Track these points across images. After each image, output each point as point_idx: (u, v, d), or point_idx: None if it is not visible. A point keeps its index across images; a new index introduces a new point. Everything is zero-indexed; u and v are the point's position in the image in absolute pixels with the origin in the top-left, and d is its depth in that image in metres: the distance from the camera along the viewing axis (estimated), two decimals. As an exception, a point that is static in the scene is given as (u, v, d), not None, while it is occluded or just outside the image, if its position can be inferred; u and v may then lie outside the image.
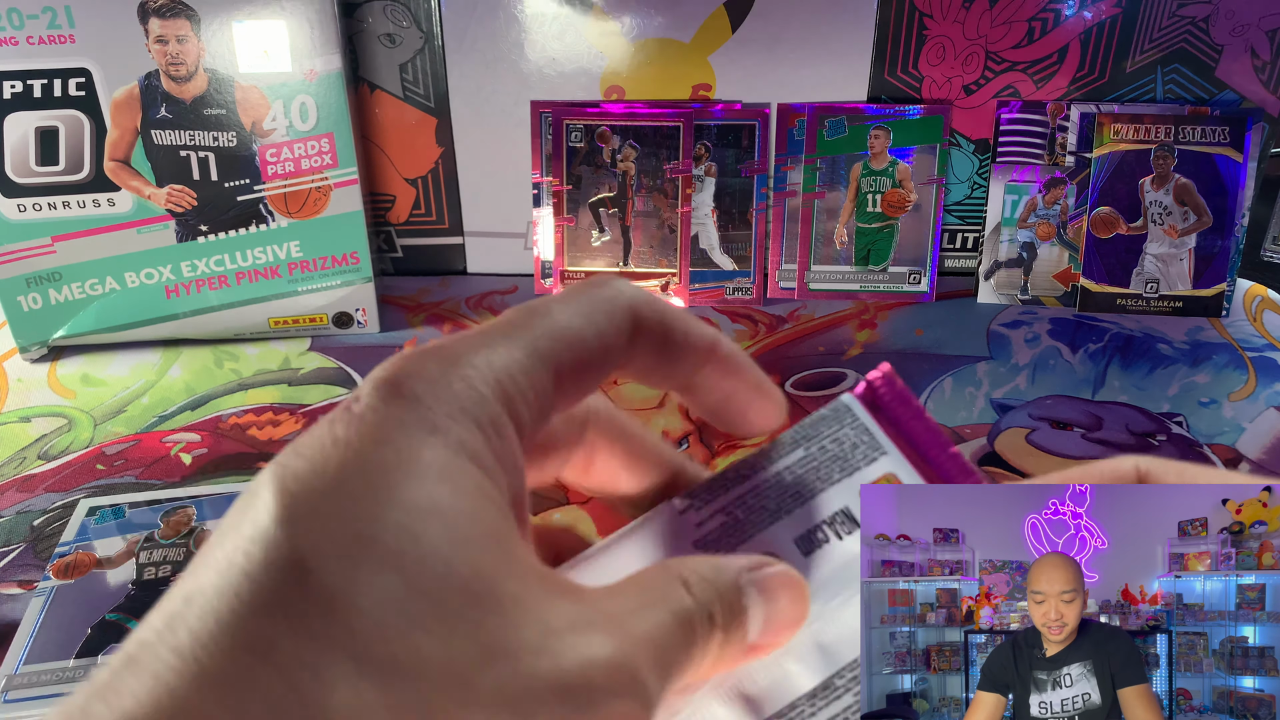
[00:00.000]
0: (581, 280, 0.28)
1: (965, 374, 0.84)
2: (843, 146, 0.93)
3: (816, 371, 0.84)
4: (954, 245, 0.98)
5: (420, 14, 0.89)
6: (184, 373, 0.86)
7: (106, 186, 0.83)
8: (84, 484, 0.73)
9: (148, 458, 0.75)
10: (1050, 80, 0.92)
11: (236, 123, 0.83)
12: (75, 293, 0.85)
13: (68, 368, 0.87)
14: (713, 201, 0.94)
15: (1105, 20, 0.89)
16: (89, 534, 0.66)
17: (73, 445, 0.77)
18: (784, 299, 0.96)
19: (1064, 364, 0.85)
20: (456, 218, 0.98)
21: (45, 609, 0.60)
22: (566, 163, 0.93)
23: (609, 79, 0.92)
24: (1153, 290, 0.93)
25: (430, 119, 0.94)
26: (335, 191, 0.86)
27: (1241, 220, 0.91)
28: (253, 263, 0.87)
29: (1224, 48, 0.90)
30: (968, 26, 0.90)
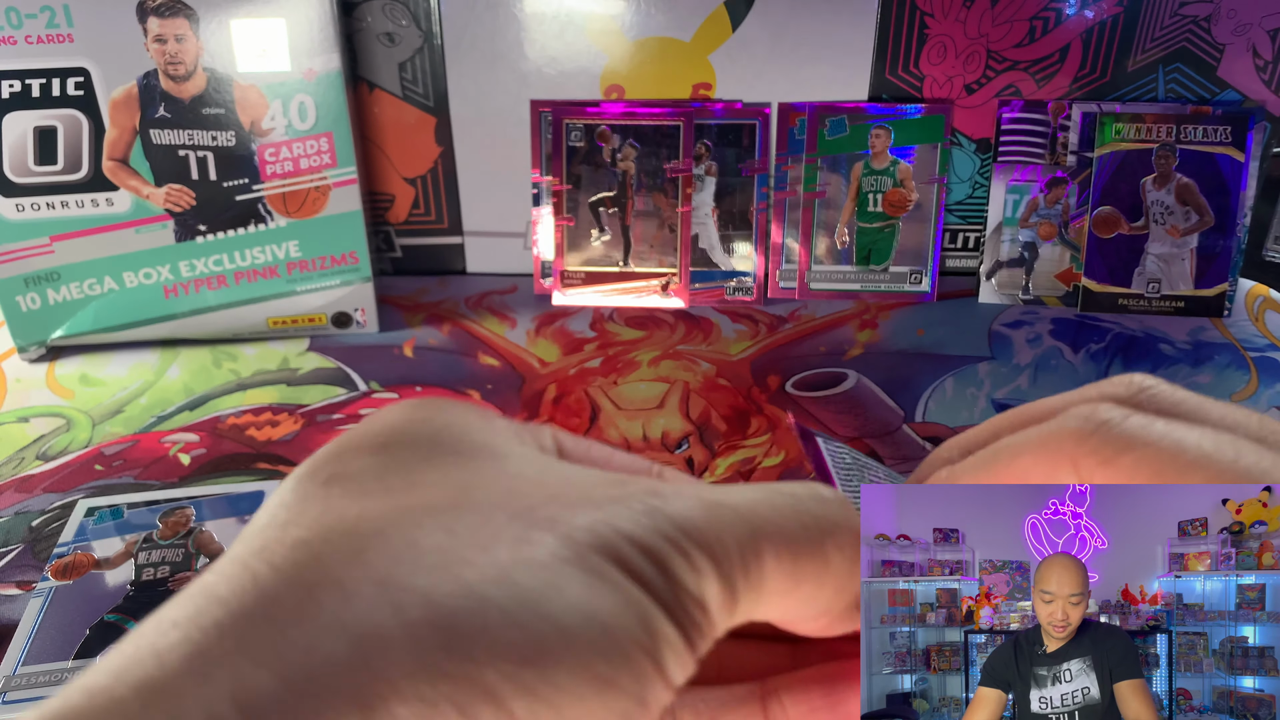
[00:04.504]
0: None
1: (967, 374, 0.84)
2: (844, 146, 0.93)
3: (817, 371, 0.84)
4: (955, 245, 0.98)
5: (419, 13, 0.89)
6: (182, 373, 0.86)
7: (105, 186, 0.83)
8: (82, 484, 0.72)
9: (146, 458, 0.75)
10: (1052, 79, 0.92)
11: (235, 122, 0.83)
12: (74, 293, 0.85)
13: (66, 368, 0.86)
14: (713, 201, 0.94)
15: (1107, 19, 0.89)
16: (87, 534, 0.66)
17: (71, 445, 0.77)
18: (785, 299, 0.96)
19: (1066, 364, 0.85)
20: (456, 217, 0.98)
21: (44, 610, 0.60)
22: (566, 162, 0.93)
23: (609, 78, 0.92)
24: (1154, 290, 0.92)
25: (429, 118, 0.94)
26: (334, 191, 0.86)
27: (1243, 220, 0.91)
28: (251, 262, 0.87)
29: (1226, 47, 0.89)
30: (969, 25, 0.90)
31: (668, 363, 0.86)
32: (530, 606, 0.20)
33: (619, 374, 0.84)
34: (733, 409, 0.80)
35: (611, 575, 0.21)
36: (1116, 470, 0.25)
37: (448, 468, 0.24)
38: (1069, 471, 0.26)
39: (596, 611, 0.20)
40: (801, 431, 0.55)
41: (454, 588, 0.20)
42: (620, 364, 0.86)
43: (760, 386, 0.82)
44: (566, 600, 0.20)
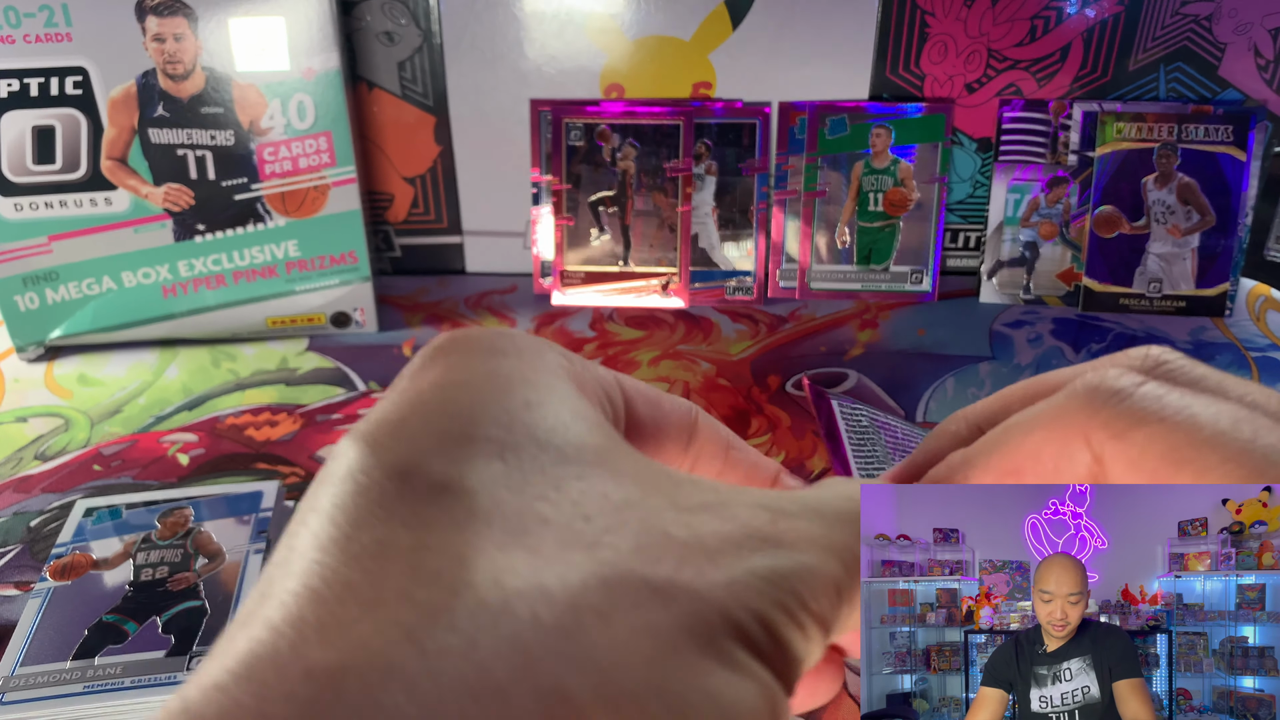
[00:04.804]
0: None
1: (968, 374, 0.84)
2: (844, 145, 0.93)
3: (818, 371, 0.84)
4: (956, 244, 0.98)
5: (419, 12, 0.89)
6: (181, 373, 0.85)
7: (103, 185, 0.83)
8: (81, 484, 0.72)
9: (145, 458, 0.75)
10: (1053, 79, 0.91)
11: (234, 121, 0.83)
12: (72, 292, 0.85)
13: (64, 368, 0.86)
14: (713, 200, 0.94)
15: (1108, 18, 0.89)
16: (86, 535, 0.66)
17: (69, 445, 0.77)
18: (785, 299, 0.96)
19: (1067, 364, 0.85)
20: (455, 217, 0.98)
21: (42, 610, 0.60)
22: (566, 161, 0.93)
23: (609, 77, 0.92)
24: (1156, 290, 0.92)
25: (429, 117, 0.93)
26: (333, 190, 0.86)
27: (1245, 219, 0.91)
28: (250, 262, 0.87)
29: (1227, 46, 0.89)
30: (970, 24, 0.90)
31: (668, 363, 0.86)
32: (678, 713, 0.18)
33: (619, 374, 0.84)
34: (733, 409, 0.79)
35: (742, 661, 0.20)
36: (1129, 444, 0.24)
37: (567, 491, 0.21)
38: (1081, 446, 0.25)
39: (735, 706, 0.19)
40: (815, 392, 0.53)
41: (609, 696, 0.18)
42: (620, 364, 0.85)
43: (760, 386, 0.82)
44: (713, 703, 0.19)
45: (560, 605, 0.19)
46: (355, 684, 0.17)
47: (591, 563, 0.20)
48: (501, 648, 0.18)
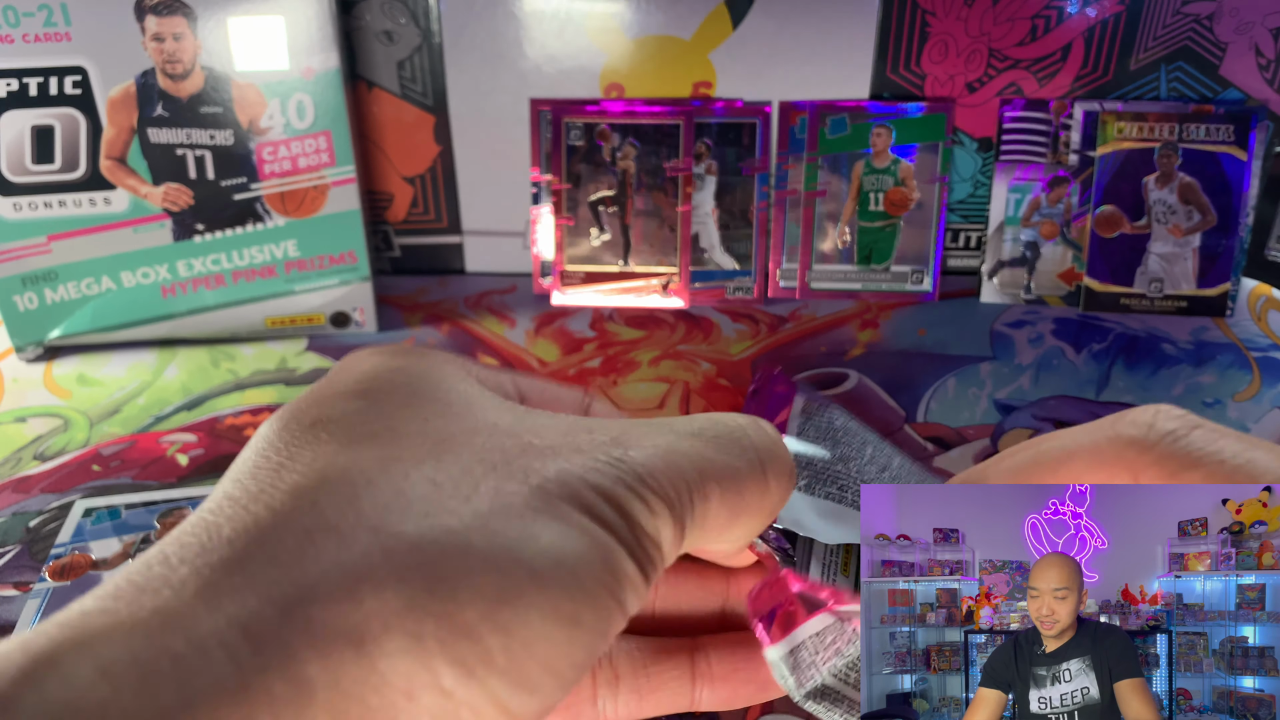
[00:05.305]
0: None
1: (968, 374, 0.84)
2: (845, 144, 0.93)
3: (818, 371, 0.84)
4: (957, 244, 0.98)
5: (418, 11, 0.89)
6: (180, 373, 0.85)
7: (103, 185, 0.83)
8: (80, 485, 0.72)
9: (144, 458, 0.75)
10: (1054, 78, 0.91)
11: (233, 121, 0.83)
12: (71, 292, 0.85)
13: (63, 368, 0.86)
14: (713, 200, 0.93)
15: (1109, 18, 0.89)
16: (85, 535, 0.66)
17: (68, 446, 0.77)
18: (785, 298, 0.96)
19: (1068, 364, 0.85)
20: (455, 216, 0.98)
21: (41, 611, 0.60)
22: (566, 161, 0.93)
23: (608, 76, 0.92)
24: (1157, 290, 0.92)
25: (428, 117, 0.93)
26: (332, 190, 0.86)
27: (1246, 219, 0.91)
28: (249, 262, 0.87)
29: (1228, 46, 0.89)
30: (970, 24, 0.90)
31: (668, 363, 0.86)
32: (507, 552, 0.22)
33: (619, 374, 0.84)
34: (733, 409, 0.79)
35: (579, 521, 0.23)
36: (1180, 484, 0.25)
37: (427, 416, 0.26)
38: (1126, 479, 0.26)
39: (566, 556, 0.22)
40: (780, 380, 0.51)
41: (439, 535, 0.22)
42: (620, 364, 0.85)
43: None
44: (539, 546, 0.22)
45: (444, 483, 0.24)
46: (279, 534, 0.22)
47: (472, 460, 0.24)
48: (375, 510, 0.22)
